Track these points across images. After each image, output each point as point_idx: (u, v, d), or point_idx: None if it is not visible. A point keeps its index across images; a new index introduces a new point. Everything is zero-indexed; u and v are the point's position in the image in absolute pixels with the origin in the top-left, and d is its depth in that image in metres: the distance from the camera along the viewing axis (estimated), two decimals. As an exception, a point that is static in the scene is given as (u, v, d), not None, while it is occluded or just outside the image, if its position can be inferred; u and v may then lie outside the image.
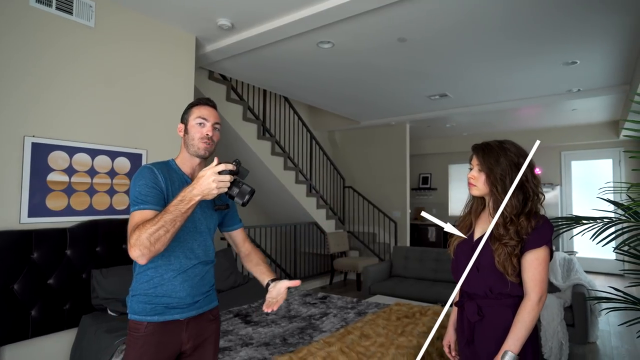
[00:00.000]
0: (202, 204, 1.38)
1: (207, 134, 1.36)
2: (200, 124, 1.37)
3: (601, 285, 5.37)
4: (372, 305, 2.81)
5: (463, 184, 8.58)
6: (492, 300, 1.33)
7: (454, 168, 8.76)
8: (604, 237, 1.54)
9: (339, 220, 6.66)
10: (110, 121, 2.82)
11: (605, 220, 1.56)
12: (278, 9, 2.96)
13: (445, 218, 8.61)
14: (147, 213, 1.23)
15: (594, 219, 1.61)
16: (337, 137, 7.62)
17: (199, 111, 1.38)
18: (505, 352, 1.23)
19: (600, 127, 6.84)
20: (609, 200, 1.61)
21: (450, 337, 1.55)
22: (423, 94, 5.12)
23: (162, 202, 1.28)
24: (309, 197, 5.87)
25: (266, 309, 1.30)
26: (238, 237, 1.56)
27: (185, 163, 1.41)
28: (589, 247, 6.87)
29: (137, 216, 1.23)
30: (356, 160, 7.33)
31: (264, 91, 5.62)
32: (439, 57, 3.84)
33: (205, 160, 1.43)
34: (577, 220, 1.63)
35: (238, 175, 1.22)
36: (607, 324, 4.13)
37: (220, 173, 1.16)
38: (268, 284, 1.38)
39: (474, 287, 1.37)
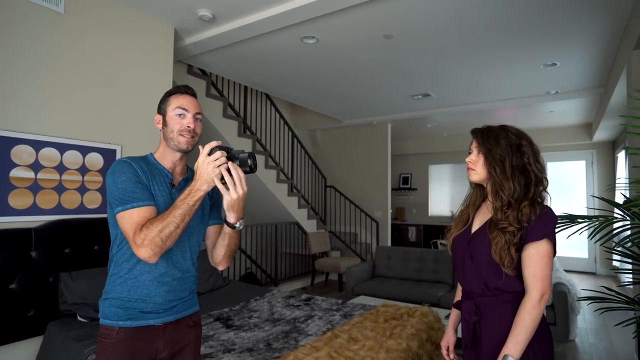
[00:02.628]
0: None
1: (189, 126, 1.25)
2: (180, 115, 1.25)
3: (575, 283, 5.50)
4: (357, 306, 2.74)
5: (443, 184, 8.72)
6: (489, 298, 1.25)
7: (434, 168, 8.83)
8: (601, 236, 1.51)
9: (320, 220, 6.58)
10: (82, 114, 2.64)
11: (600, 219, 1.54)
12: (261, 0, 2.86)
13: (426, 218, 8.68)
14: (145, 210, 1.15)
15: (589, 217, 1.59)
16: (319, 136, 7.54)
17: (178, 101, 1.27)
18: (505, 357, 1.14)
19: (574, 129, 7.03)
20: (608, 201, 1.59)
21: (449, 338, 1.47)
22: (406, 93, 5.10)
23: (152, 197, 1.19)
24: (290, 196, 5.76)
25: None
26: (217, 232, 1.38)
27: (166, 158, 1.29)
28: (562, 246, 7.07)
29: (135, 215, 1.13)
30: (337, 159, 7.27)
31: (245, 87, 5.48)
32: (424, 56, 3.82)
33: (188, 155, 1.32)
34: (572, 219, 1.60)
35: (227, 151, 1.15)
36: (584, 321, 4.22)
37: (210, 154, 1.12)
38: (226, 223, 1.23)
39: (470, 283, 1.30)
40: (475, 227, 1.34)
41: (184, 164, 1.34)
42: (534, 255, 1.18)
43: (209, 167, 1.11)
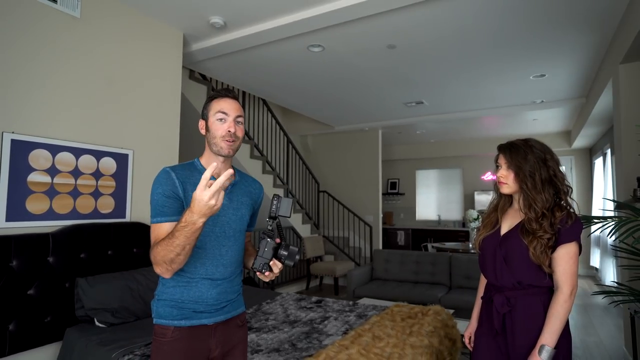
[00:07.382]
0: (235, 204, 1.33)
1: (229, 131, 1.26)
2: (220, 119, 1.26)
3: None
4: (369, 307, 2.82)
5: (430, 189, 8.94)
6: (520, 292, 1.39)
7: (421, 173, 9.05)
8: (618, 234, 1.66)
9: (314, 225, 6.64)
10: (95, 118, 2.64)
11: (615, 219, 1.69)
12: (273, 10, 2.93)
13: (413, 222, 8.87)
14: (164, 227, 1.19)
15: (604, 218, 1.74)
16: (310, 142, 7.62)
17: (219, 104, 1.27)
18: (542, 346, 1.28)
19: (555, 137, 7.38)
20: (616, 202, 1.75)
21: (472, 328, 1.60)
22: (401, 101, 5.26)
23: (179, 211, 1.21)
24: (285, 201, 5.80)
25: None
26: (246, 238, 1.48)
27: (210, 162, 1.31)
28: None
29: (155, 230, 1.20)
30: (329, 165, 7.37)
31: (243, 93, 5.51)
32: (423, 65, 3.97)
33: (230, 159, 1.35)
34: (589, 220, 1.75)
35: (279, 228, 1.23)
36: (571, 317, 4.43)
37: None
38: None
39: (501, 280, 1.42)
40: (504, 229, 1.48)
41: (229, 168, 1.37)
42: (564, 255, 1.33)
43: (211, 201, 1.00)
